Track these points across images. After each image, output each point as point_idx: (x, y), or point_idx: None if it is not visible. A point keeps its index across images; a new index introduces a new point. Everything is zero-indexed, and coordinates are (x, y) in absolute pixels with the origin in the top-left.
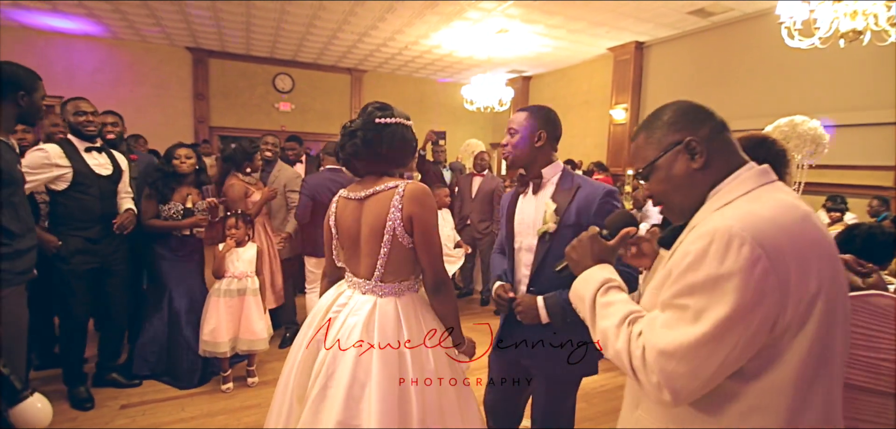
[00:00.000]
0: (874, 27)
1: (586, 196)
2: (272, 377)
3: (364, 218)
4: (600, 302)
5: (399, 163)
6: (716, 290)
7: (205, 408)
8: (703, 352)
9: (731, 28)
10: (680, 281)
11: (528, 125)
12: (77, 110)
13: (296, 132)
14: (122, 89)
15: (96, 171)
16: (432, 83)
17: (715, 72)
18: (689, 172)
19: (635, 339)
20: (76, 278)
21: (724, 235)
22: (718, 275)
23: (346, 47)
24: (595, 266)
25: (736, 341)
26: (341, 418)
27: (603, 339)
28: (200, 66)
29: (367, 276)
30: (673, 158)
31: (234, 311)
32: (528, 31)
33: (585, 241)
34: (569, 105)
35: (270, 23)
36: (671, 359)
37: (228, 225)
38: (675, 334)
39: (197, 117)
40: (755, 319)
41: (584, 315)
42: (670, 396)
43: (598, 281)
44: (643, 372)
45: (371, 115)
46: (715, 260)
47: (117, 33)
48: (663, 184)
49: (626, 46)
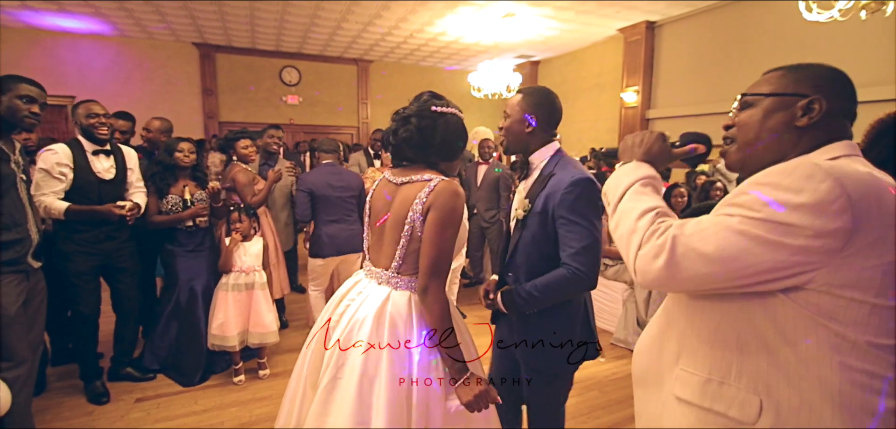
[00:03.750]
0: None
1: (555, 184)
2: (283, 369)
3: (394, 205)
4: (636, 189)
5: (449, 156)
6: (781, 211)
7: (217, 401)
8: (731, 246)
9: (747, 3)
10: (740, 194)
11: (520, 108)
12: (89, 113)
13: (304, 126)
14: (133, 87)
15: (99, 176)
16: (439, 71)
17: (729, 50)
18: (786, 126)
19: (661, 225)
20: (80, 277)
21: (809, 167)
22: (789, 199)
23: (350, 37)
24: (643, 162)
25: (765, 262)
26: (354, 412)
27: (619, 218)
28: (208, 62)
29: (386, 266)
30: (783, 104)
31: (243, 305)
32: (535, 14)
33: (648, 134)
34: (579, 89)
35: (274, 16)
36: (693, 237)
37: (232, 219)
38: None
39: (206, 113)
40: (799, 256)
41: (610, 202)
42: (663, 261)
43: (642, 175)
44: (651, 242)
45: (426, 102)
46: (792, 184)
47: (124, 31)
48: (755, 125)
49: (637, 27)
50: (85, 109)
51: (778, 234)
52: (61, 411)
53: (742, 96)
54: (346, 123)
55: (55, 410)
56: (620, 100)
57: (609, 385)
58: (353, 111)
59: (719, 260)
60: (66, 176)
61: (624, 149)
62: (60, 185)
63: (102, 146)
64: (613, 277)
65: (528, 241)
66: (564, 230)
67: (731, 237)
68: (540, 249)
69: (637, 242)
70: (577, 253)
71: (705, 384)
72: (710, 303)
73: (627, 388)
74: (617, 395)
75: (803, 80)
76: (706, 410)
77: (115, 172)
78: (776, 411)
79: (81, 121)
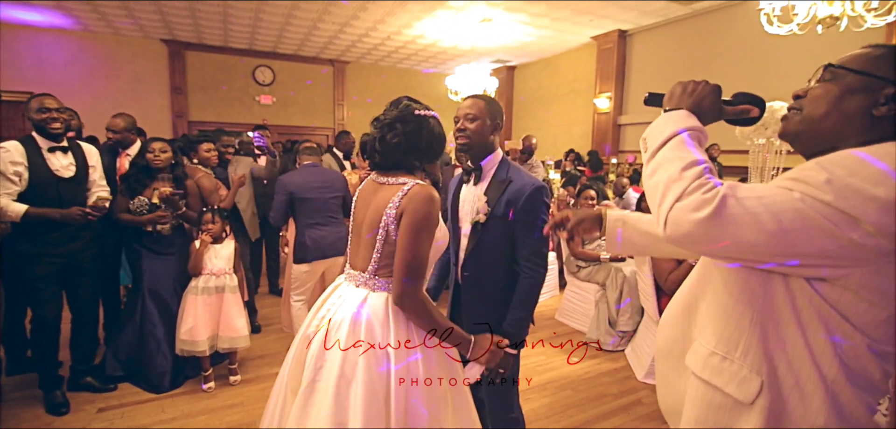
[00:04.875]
0: (851, 13)
1: (516, 190)
2: (254, 375)
3: (370, 206)
4: (683, 139)
5: (433, 157)
6: (846, 195)
7: (186, 409)
8: (773, 225)
9: (712, 16)
10: (807, 169)
11: (487, 113)
12: (40, 107)
13: (279, 126)
14: (96, 84)
15: (58, 174)
16: (417, 74)
17: (697, 60)
18: (862, 111)
19: (709, 181)
20: (40, 281)
21: (893, 159)
22: (865, 189)
23: (327, 38)
24: (692, 114)
25: (814, 250)
26: (332, 414)
27: (658, 164)
28: (177, 59)
29: (363, 268)
30: (867, 87)
31: (213, 309)
32: (512, 20)
33: (703, 83)
34: (554, 95)
35: (248, 14)
36: (747, 201)
37: (205, 221)
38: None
39: (175, 112)
40: (848, 250)
41: (649, 148)
42: (707, 215)
43: (691, 125)
44: (695, 194)
45: (408, 107)
46: (871, 174)
47: (88, 26)
48: (830, 101)
49: (610, 35)
50: (37, 102)
51: (837, 222)
52: (19, 422)
53: (827, 67)
54: (322, 125)
55: (12, 421)
56: (593, 106)
57: (581, 384)
58: (329, 113)
59: (769, 232)
60: (21, 176)
61: (671, 95)
62: (14, 186)
63: (57, 142)
64: (586, 279)
65: (490, 243)
66: (525, 232)
67: (788, 213)
68: (502, 250)
69: (678, 191)
70: (534, 254)
71: (709, 357)
72: (734, 274)
73: (599, 387)
74: (589, 394)
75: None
76: (705, 382)
77: (75, 169)
78: (773, 392)
79: (33, 116)
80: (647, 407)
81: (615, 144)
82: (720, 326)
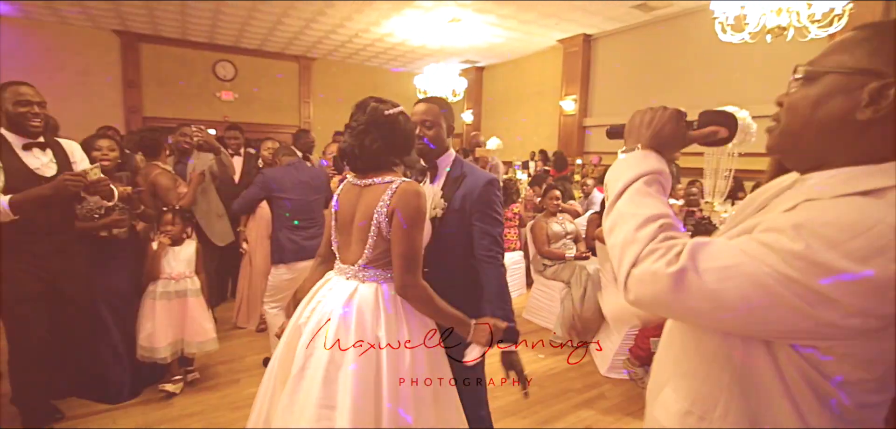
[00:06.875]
0: (796, 24)
1: (471, 184)
2: (214, 382)
3: (359, 206)
4: (638, 189)
5: (409, 151)
6: (822, 273)
7: (140, 420)
8: (751, 289)
9: (671, 22)
10: (780, 232)
11: (443, 118)
12: (18, 98)
13: (240, 124)
14: (40, 76)
15: (37, 173)
16: (385, 72)
17: (656, 65)
18: (842, 118)
19: (665, 243)
20: (24, 303)
21: (886, 232)
22: (848, 267)
23: (292, 33)
24: (651, 151)
25: (795, 325)
26: (321, 397)
27: (615, 221)
28: (130, 52)
29: (354, 261)
30: (841, 86)
31: (174, 314)
32: (481, 21)
33: (660, 111)
34: (522, 96)
35: (208, 7)
36: (709, 273)
37: (165, 221)
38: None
39: (128, 107)
40: (826, 329)
41: (608, 196)
42: (665, 287)
43: (646, 170)
44: (649, 261)
45: (377, 109)
46: (858, 249)
47: (31, 13)
48: (805, 110)
49: (575, 39)
50: (13, 93)
51: (814, 303)
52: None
53: (802, 67)
54: (287, 122)
55: (12, 421)
56: (560, 107)
57: (547, 381)
58: (295, 110)
59: (735, 310)
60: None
61: (630, 129)
62: None
63: (35, 139)
64: (552, 277)
65: (448, 236)
66: (483, 223)
67: (756, 290)
68: (459, 242)
69: (632, 257)
70: (494, 243)
71: (685, 416)
72: (709, 334)
73: (564, 383)
74: (553, 389)
75: (880, 51)
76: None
77: (55, 168)
78: None
79: (8, 108)
80: (610, 400)
81: (580, 145)
82: (696, 383)
